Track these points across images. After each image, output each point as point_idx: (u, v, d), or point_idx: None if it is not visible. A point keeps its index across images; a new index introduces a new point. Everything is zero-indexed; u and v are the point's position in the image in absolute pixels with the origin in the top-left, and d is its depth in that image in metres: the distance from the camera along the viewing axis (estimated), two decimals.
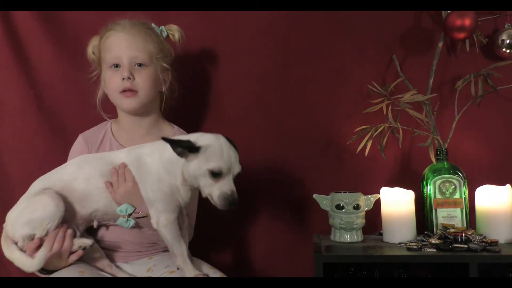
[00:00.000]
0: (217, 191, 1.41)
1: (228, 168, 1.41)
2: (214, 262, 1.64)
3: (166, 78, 1.74)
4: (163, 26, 1.75)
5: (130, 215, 1.52)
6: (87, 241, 1.50)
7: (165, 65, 1.72)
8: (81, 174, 1.54)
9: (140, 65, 1.66)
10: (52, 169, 1.60)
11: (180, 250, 1.48)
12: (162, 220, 1.48)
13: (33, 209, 1.46)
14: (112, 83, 1.67)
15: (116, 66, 1.65)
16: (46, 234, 1.46)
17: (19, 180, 1.90)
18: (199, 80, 2.00)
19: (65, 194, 1.51)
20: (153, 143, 1.56)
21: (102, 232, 1.63)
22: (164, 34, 1.75)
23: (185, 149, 1.41)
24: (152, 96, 1.71)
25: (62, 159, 1.73)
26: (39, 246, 1.45)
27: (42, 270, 1.49)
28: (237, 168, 1.43)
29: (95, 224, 1.57)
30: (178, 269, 1.50)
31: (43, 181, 1.55)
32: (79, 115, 1.93)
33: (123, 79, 1.64)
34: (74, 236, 1.50)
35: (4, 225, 1.52)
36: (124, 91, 1.65)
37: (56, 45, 1.96)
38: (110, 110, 1.80)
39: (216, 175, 1.40)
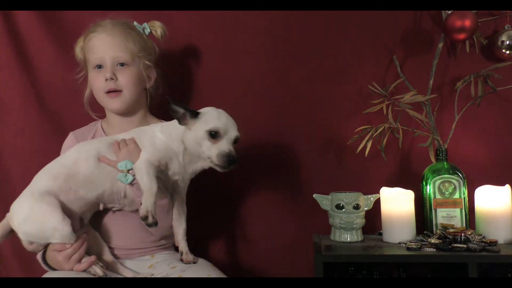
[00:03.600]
0: (215, 151, 1.49)
1: (224, 130, 1.50)
2: (214, 262, 1.65)
3: (150, 75, 1.76)
4: (145, 23, 1.77)
5: (129, 170, 1.53)
6: (100, 272, 1.50)
7: (148, 62, 1.74)
8: (81, 154, 1.56)
9: (122, 64, 1.68)
10: None
11: (149, 187, 1.47)
12: (142, 159, 1.52)
13: (41, 221, 1.47)
14: (96, 84, 1.70)
15: (100, 67, 1.68)
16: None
17: (20, 179, 1.89)
18: (199, 80, 2.01)
19: (70, 181, 1.52)
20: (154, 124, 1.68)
21: (105, 228, 1.64)
22: (147, 31, 1.77)
23: (187, 111, 1.50)
24: (137, 94, 1.73)
25: None
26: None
27: (47, 264, 1.52)
28: (234, 133, 1.52)
29: (101, 207, 1.59)
30: (141, 204, 1.48)
31: (47, 173, 1.55)
32: (80, 115, 1.92)
33: (106, 79, 1.66)
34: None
35: (8, 216, 1.52)
36: (108, 92, 1.68)
37: (57, 45, 1.97)
38: (98, 109, 1.81)
39: (213, 135, 1.48)
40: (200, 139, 1.50)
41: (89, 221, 1.61)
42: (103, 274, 1.50)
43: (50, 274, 1.52)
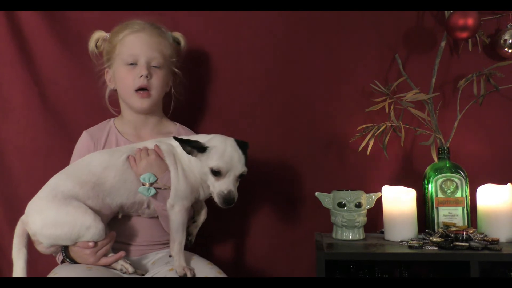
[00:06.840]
0: (216, 189, 1.50)
1: (227, 168, 1.48)
2: (215, 260, 1.65)
3: (170, 81, 1.79)
4: (169, 32, 1.79)
5: (151, 184, 1.54)
6: (130, 269, 1.52)
7: (175, 69, 1.78)
8: (111, 161, 1.56)
9: (155, 66, 1.70)
10: (55, 167, 1.60)
11: (180, 238, 1.54)
12: (177, 205, 1.53)
13: (71, 222, 1.46)
14: (128, 81, 1.70)
15: (134, 64, 1.68)
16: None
17: (23, 177, 1.92)
18: (201, 80, 2.01)
19: (98, 189, 1.52)
20: None
21: (117, 226, 1.63)
22: (170, 40, 1.79)
23: (194, 148, 1.50)
24: (161, 96, 1.76)
25: (66, 156, 1.75)
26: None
27: (69, 259, 1.52)
28: (238, 169, 1.50)
29: (120, 215, 1.60)
30: (170, 256, 1.55)
31: (73, 178, 1.52)
32: (82, 112, 1.94)
33: (141, 76, 1.67)
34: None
35: (23, 220, 1.49)
36: (139, 89, 1.69)
37: (60, 44, 1.97)
38: (114, 105, 1.82)
39: (216, 173, 1.49)
40: (206, 173, 1.51)
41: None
42: (133, 270, 1.52)
43: (53, 273, 1.51)
